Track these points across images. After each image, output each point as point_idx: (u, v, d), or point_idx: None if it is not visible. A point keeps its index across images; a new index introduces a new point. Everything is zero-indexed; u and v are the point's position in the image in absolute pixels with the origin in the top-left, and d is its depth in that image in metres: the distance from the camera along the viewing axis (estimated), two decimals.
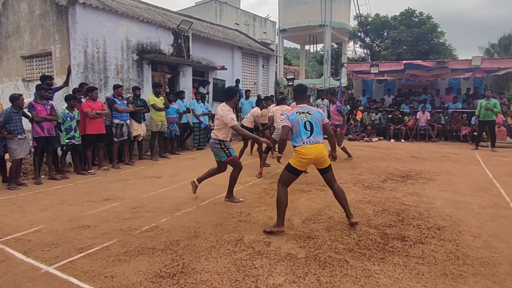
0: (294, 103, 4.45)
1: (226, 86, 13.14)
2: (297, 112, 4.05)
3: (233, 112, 5.50)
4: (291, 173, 4.02)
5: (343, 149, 8.36)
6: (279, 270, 3.07)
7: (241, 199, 5.17)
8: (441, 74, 13.89)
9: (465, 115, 12.58)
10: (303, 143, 3.93)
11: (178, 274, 3.00)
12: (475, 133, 11.38)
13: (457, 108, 13.22)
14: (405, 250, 3.48)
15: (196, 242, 3.67)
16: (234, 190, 5.28)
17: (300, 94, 4.32)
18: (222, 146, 5.01)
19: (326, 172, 4.08)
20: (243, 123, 8.52)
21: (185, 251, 3.46)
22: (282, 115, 8.10)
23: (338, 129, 8.34)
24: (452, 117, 12.76)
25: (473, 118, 11.55)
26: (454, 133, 12.61)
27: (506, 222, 4.27)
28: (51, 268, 3.14)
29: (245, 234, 3.86)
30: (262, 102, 9.13)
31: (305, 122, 3.98)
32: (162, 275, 2.98)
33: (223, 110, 4.97)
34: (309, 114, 4.04)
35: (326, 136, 4.20)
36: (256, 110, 8.57)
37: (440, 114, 12.94)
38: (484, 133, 10.93)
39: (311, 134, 3.97)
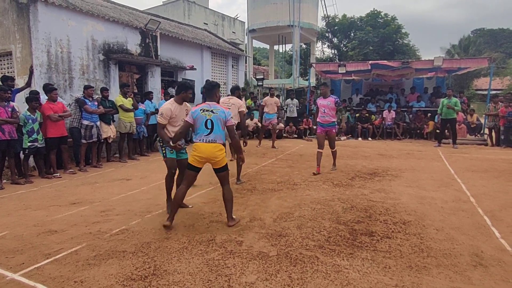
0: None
1: (195, 86, 13.11)
2: (201, 110, 4.04)
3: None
4: (189, 169, 4.10)
5: (334, 154, 7.43)
6: (251, 268, 3.11)
7: (190, 206, 4.98)
8: (406, 74, 14.35)
9: (430, 113, 13.07)
10: (199, 140, 4.00)
11: (150, 276, 2.99)
12: (437, 131, 11.85)
13: (421, 107, 13.75)
14: (373, 245, 3.60)
15: (168, 243, 3.66)
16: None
17: (209, 92, 4.25)
18: (160, 143, 4.77)
19: (219, 172, 4.11)
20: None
21: (157, 253, 3.44)
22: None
23: (334, 130, 7.21)
24: (416, 115, 13.27)
25: (436, 116, 11.96)
26: (418, 131, 13.12)
27: (467, 215, 4.49)
28: (17, 275, 3.05)
29: (217, 234, 3.88)
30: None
31: (206, 120, 3.98)
32: (134, 278, 2.96)
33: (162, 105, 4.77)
34: (213, 112, 4.02)
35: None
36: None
37: (405, 113, 13.43)
38: (445, 131, 11.38)
39: (210, 132, 3.98)
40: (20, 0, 7.68)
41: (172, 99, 4.72)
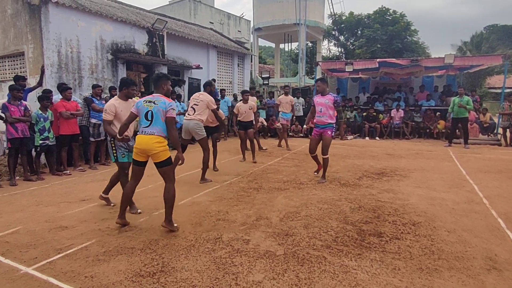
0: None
1: (200, 85, 13.18)
2: (144, 101, 3.98)
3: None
4: (133, 164, 4.06)
5: (326, 162, 6.32)
6: (259, 267, 3.13)
7: (112, 203, 4.98)
8: (415, 72, 14.11)
9: (439, 113, 12.89)
10: (140, 132, 3.94)
11: (158, 273, 3.05)
12: (447, 130, 11.67)
13: (431, 105, 13.48)
14: (382, 246, 3.56)
15: (175, 241, 3.72)
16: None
17: (155, 83, 4.13)
18: (112, 144, 4.69)
19: (159, 167, 3.97)
20: (241, 119, 8.35)
21: (165, 250, 3.50)
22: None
23: (329, 132, 6.17)
24: (426, 114, 13.02)
25: (447, 114, 11.68)
26: (427, 131, 12.91)
27: (480, 217, 4.40)
28: (30, 269, 3.15)
29: (224, 233, 3.92)
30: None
31: (147, 112, 3.91)
32: (142, 274, 3.02)
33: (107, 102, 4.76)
34: (154, 104, 3.91)
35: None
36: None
37: (413, 112, 13.23)
38: (457, 130, 11.15)
39: (149, 124, 3.90)
40: (32, 2, 7.84)
41: (115, 96, 4.79)
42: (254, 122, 8.70)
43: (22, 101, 6.67)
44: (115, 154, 4.69)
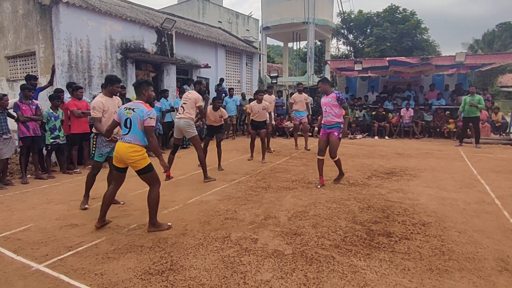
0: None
1: (209, 84, 13.24)
2: (124, 108, 3.95)
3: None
4: (114, 169, 4.06)
5: (338, 164, 6.17)
6: (267, 266, 3.13)
7: (86, 206, 4.91)
8: (425, 71, 13.94)
9: (448, 112, 12.73)
10: (120, 139, 3.94)
11: (167, 271, 3.07)
12: (459, 130, 11.46)
13: (441, 104, 13.32)
14: (391, 246, 3.54)
15: (184, 239, 3.75)
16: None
17: (136, 89, 4.08)
18: (94, 142, 4.70)
19: (140, 174, 3.93)
20: (254, 119, 8.32)
21: (173, 248, 3.53)
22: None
23: (335, 133, 5.92)
24: (436, 113, 12.86)
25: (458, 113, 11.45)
26: (438, 130, 12.75)
27: (491, 217, 4.34)
28: (42, 266, 3.20)
29: (232, 231, 3.93)
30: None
31: (126, 119, 3.88)
32: (151, 272, 3.05)
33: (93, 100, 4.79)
34: (133, 111, 3.86)
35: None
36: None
37: (423, 111, 13.07)
38: (468, 130, 10.97)
39: (128, 132, 3.86)
40: (43, 2, 7.93)
41: (100, 93, 4.85)
42: (268, 121, 8.65)
43: (34, 100, 6.77)
44: (93, 152, 4.77)
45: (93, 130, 4.80)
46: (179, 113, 6.46)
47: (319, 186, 5.92)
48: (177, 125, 6.48)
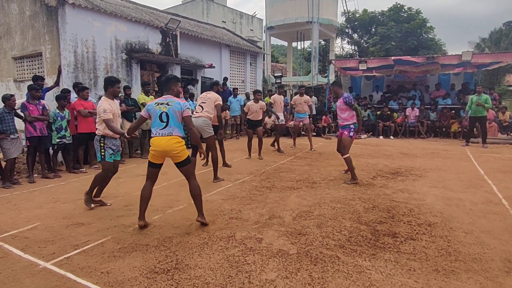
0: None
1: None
2: (155, 103, 3.98)
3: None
4: (149, 166, 4.08)
5: (347, 162, 6.22)
6: (272, 266, 3.13)
7: (92, 206, 4.87)
8: (431, 70, 13.86)
9: (453, 111, 12.62)
10: (155, 134, 3.93)
11: (172, 270, 3.09)
12: (461, 129, 11.45)
13: (447, 104, 13.22)
14: (396, 246, 3.52)
15: (189, 238, 3.76)
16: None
17: (165, 85, 4.16)
18: (101, 144, 4.68)
19: (181, 167, 4.02)
20: (251, 118, 8.41)
21: (178, 247, 3.55)
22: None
23: (346, 133, 6.25)
24: (442, 113, 12.77)
25: (463, 112, 11.40)
26: (444, 130, 12.67)
27: (498, 218, 4.30)
28: (49, 264, 3.24)
29: (236, 231, 3.95)
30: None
31: (161, 114, 3.90)
32: (157, 271, 3.07)
33: (99, 104, 4.76)
34: (168, 105, 3.92)
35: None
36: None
37: (429, 111, 12.98)
38: (474, 129, 10.89)
39: (166, 126, 3.89)
40: (49, 3, 8.01)
41: (103, 97, 4.79)
42: (268, 121, 8.72)
43: (41, 100, 6.85)
44: (103, 154, 4.71)
45: (98, 132, 4.77)
46: (196, 112, 6.47)
47: (344, 172, 6.74)
48: (195, 124, 6.41)
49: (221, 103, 6.63)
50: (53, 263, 3.27)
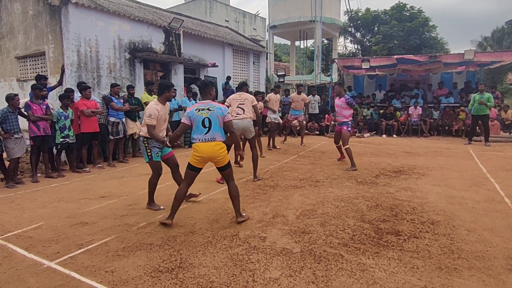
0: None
1: (217, 83, 13.26)
2: (196, 109, 3.99)
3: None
4: (190, 169, 4.13)
5: (347, 152, 7.11)
6: (275, 264, 3.13)
7: (161, 207, 4.82)
8: (434, 69, 13.86)
9: (457, 110, 12.61)
10: (198, 140, 3.97)
11: (176, 268, 3.09)
12: (468, 128, 11.39)
13: (450, 102, 13.23)
14: (400, 244, 3.53)
15: (193, 237, 3.77)
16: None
17: (203, 90, 4.19)
18: (145, 145, 4.66)
19: (222, 170, 4.13)
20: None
21: (182, 246, 3.55)
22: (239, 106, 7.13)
23: (344, 128, 7.19)
24: (445, 112, 12.76)
25: (466, 109, 11.40)
26: (446, 128, 12.65)
27: (501, 216, 4.31)
28: (53, 263, 3.24)
29: (240, 230, 3.95)
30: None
31: (203, 119, 3.93)
32: (161, 270, 3.07)
33: (148, 106, 4.70)
34: (209, 110, 3.96)
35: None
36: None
37: (432, 109, 12.97)
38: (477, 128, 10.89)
39: (208, 131, 3.94)
40: (52, 3, 8.03)
41: (155, 99, 4.72)
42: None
43: (45, 100, 6.87)
44: (149, 154, 4.67)
45: (141, 133, 4.74)
46: (238, 114, 6.51)
47: (336, 160, 7.80)
48: (238, 126, 6.31)
49: (256, 102, 6.82)
50: (57, 262, 3.27)
